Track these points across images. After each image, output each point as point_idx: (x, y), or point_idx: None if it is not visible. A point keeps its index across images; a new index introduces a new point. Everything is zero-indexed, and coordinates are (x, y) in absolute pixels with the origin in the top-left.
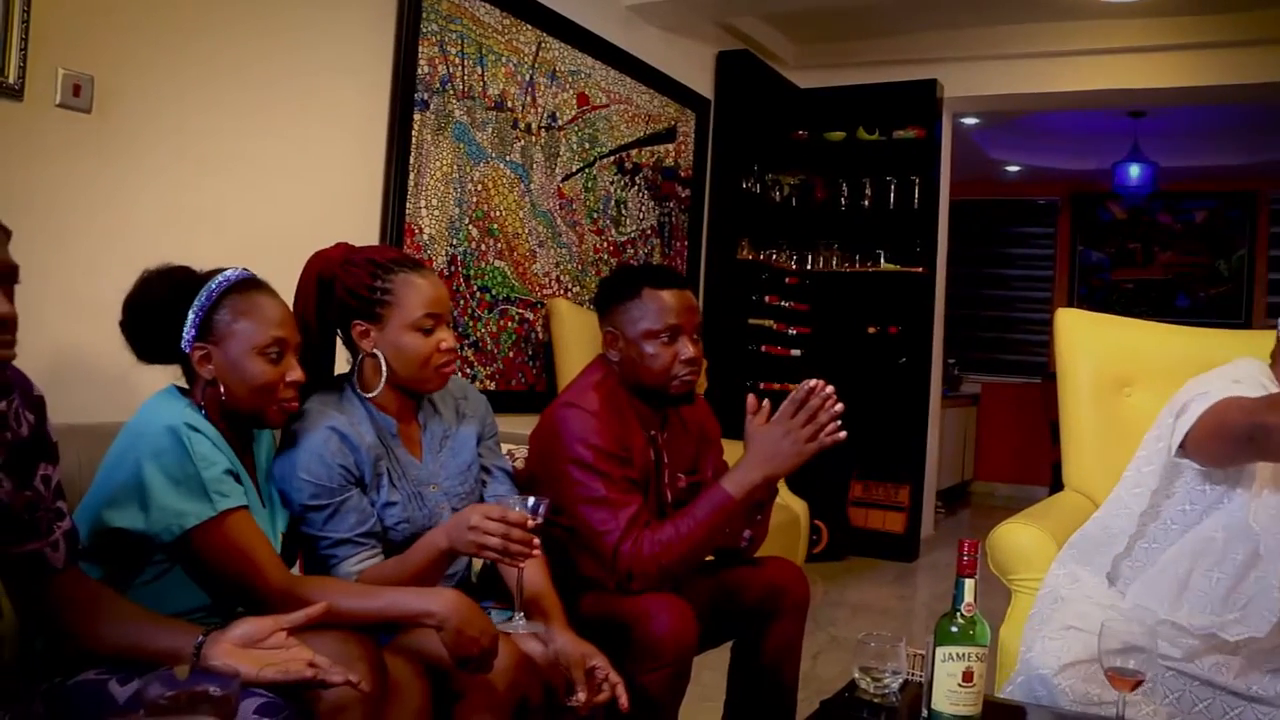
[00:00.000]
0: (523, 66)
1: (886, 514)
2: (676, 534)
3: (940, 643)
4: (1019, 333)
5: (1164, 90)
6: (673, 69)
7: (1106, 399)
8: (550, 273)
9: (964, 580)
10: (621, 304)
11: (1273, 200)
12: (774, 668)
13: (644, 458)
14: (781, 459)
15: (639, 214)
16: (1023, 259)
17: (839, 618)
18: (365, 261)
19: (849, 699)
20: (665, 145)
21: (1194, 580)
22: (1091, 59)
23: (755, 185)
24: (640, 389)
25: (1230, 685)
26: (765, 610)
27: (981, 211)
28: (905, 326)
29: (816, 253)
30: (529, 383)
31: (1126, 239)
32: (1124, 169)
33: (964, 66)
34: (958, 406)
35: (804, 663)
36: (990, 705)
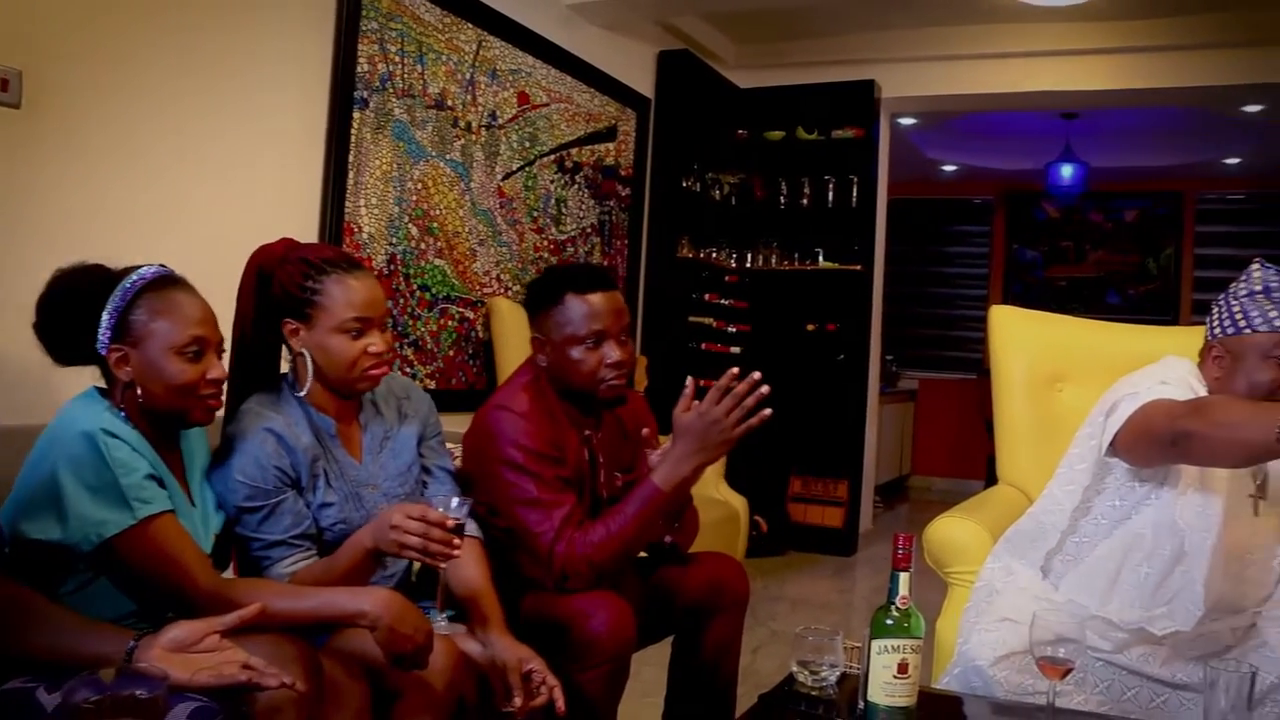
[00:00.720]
0: (463, 65)
1: (825, 509)
2: (608, 532)
3: (875, 635)
4: (956, 329)
5: (1095, 93)
6: (613, 68)
7: (1039, 394)
8: (490, 271)
9: (899, 574)
10: (546, 310)
11: (1199, 200)
12: (714, 663)
13: (578, 457)
14: (710, 447)
15: (579, 212)
16: (959, 257)
17: (779, 612)
18: (300, 260)
19: (787, 693)
20: (606, 144)
21: (1124, 575)
22: (1025, 61)
23: (695, 184)
24: (570, 391)
25: (1156, 674)
26: (705, 606)
27: (919, 210)
28: (843, 324)
29: (756, 251)
30: (469, 381)
31: (1059, 237)
32: (1057, 169)
33: (901, 68)
34: (896, 402)
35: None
36: (925, 696)
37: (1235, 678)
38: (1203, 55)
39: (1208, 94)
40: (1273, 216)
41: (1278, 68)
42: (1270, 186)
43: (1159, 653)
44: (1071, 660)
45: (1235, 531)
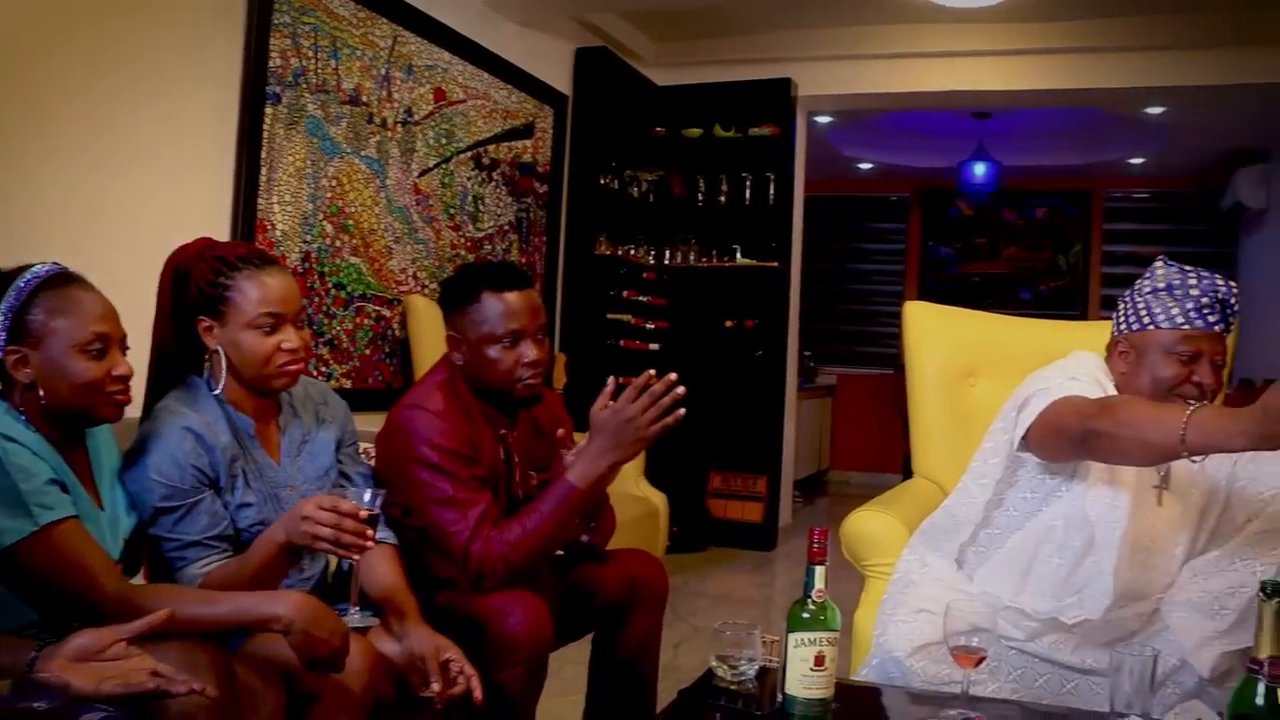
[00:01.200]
0: (378, 61)
1: (745, 504)
2: (524, 530)
3: (792, 629)
4: (873, 325)
5: (1006, 93)
6: (531, 65)
7: (953, 388)
8: (407, 269)
9: (814, 567)
10: (462, 308)
11: (1106, 198)
12: (634, 660)
13: (493, 456)
14: (625, 445)
15: (497, 210)
16: (876, 254)
17: (699, 608)
18: (211, 257)
19: (707, 688)
20: (523, 141)
21: (1036, 566)
22: (939, 61)
23: (613, 181)
24: (486, 389)
25: (1067, 660)
26: (624, 603)
27: (836, 207)
28: (761, 320)
29: (674, 248)
30: (386, 380)
31: (973, 234)
32: (970, 167)
33: (818, 66)
34: (814, 398)
35: (665, 653)
36: (843, 688)
37: (1138, 661)
38: (1107, 58)
39: (1112, 96)
40: (1175, 215)
41: (1177, 71)
42: (1172, 186)
43: (1069, 640)
44: (984, 649)
45: (1141, 522)
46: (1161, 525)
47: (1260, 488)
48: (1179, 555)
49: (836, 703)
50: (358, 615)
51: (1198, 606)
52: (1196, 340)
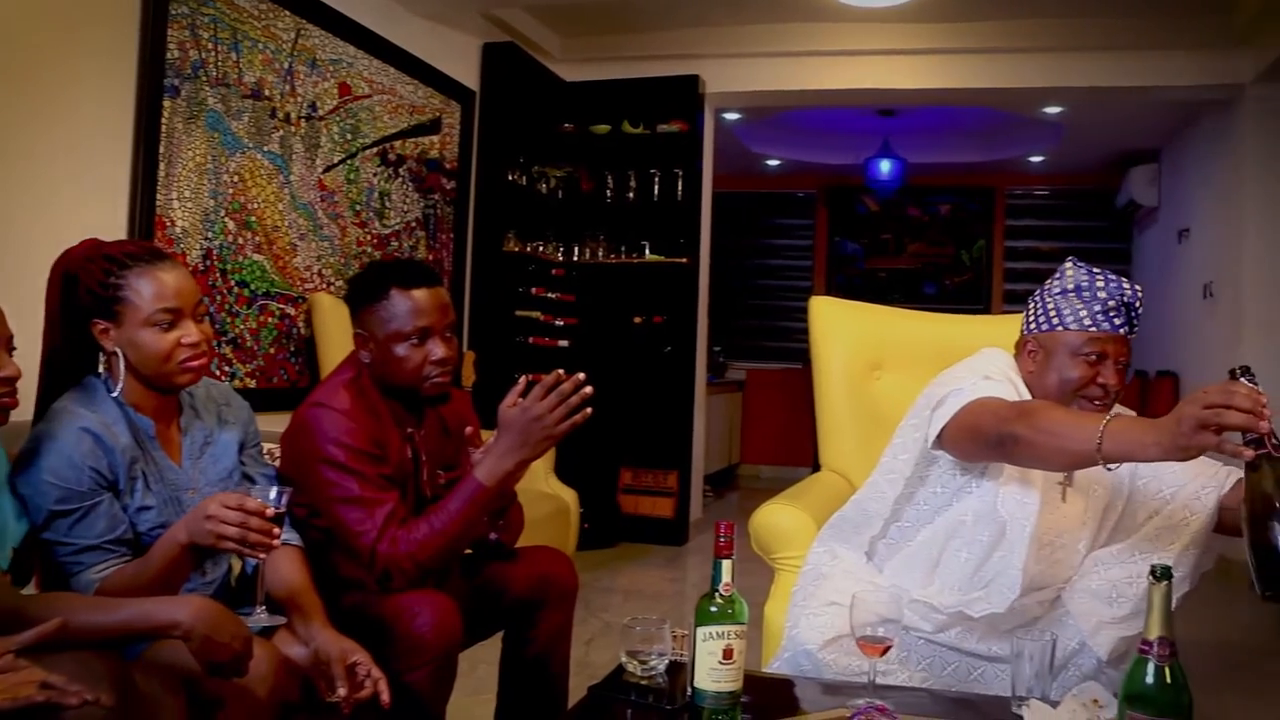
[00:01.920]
0: (281, 54)
1: (656, 500)
2: (432, 529)
3: (700, 622)
4: (781, 320)
5: (910, 91)
6: (437, 60)
7: (858, 382)
8: (312, 266)
9: (721, 561)
10: (370, 305)
11: (1008, 195)
12: (544, 657)
13: (400, 455)
14: (533, 443)
15: (403, 206)
16: (784, 249)
17: (611, 604)
18: (101, 257)
19: (617, 683)
20: (430, 137)
21: (944, 560)
22: (845, 59)
23: (521, 177)
24: (393, 388)
25: (973, 649)
26: (533, 600)
27: (744, 203)
28: (670, 316)
29: (583, 244)
30: (291, 380)
31: (879, 230)
32: (875, 164)
33: (725, 63)
34: (724, 393)
35: (577, 650)
36: (752, 679)
37: (1038, 647)
38: (1008, 59)
39: (1012, 95)
40: (1073, 212)
41: (1074, 73)
42: (1070, 183)
43: (975, 629)
44: (890, 638)
45: (1046, 518)
46: (1066, 522)
47: (1160, 486)
48: (1082, 550)
49: (747, 695)
50: (264, 615)
51: (1097, 594)
52: (1102, 342)
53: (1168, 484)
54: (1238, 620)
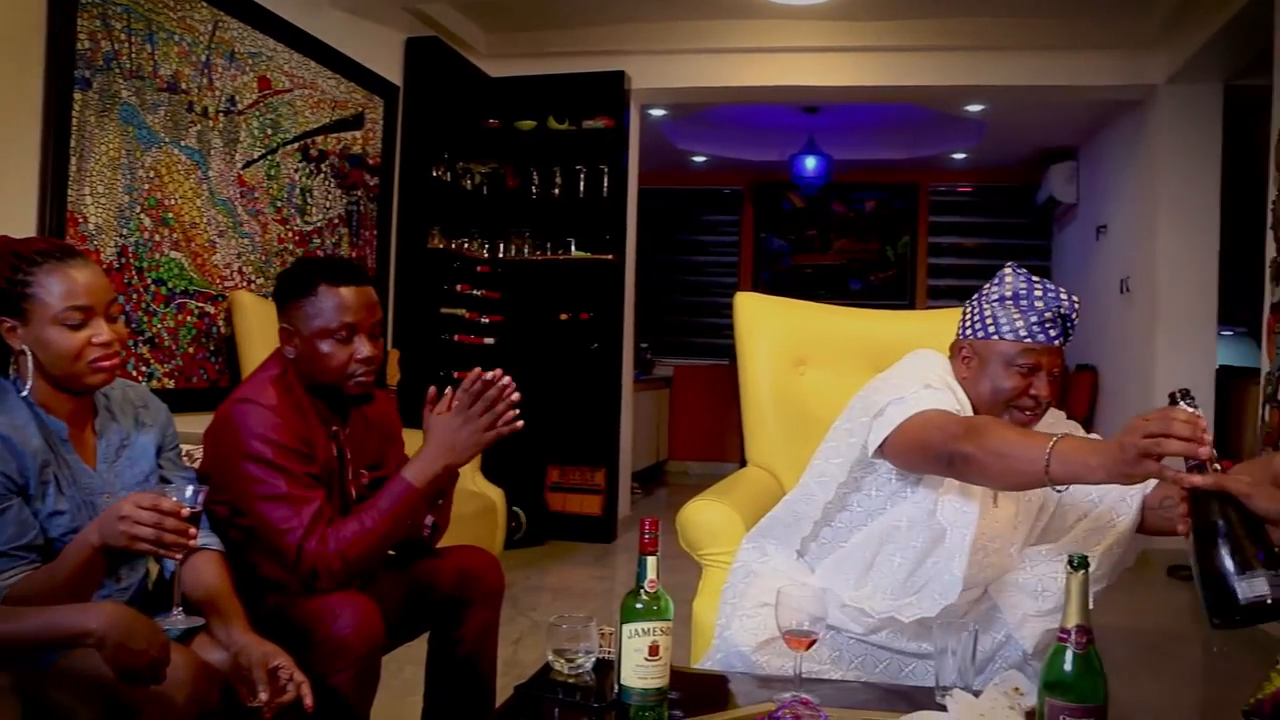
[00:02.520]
0: (198, 46)
1: (584, 497)
2: (361, 528)
3: (626, 620)
4: (708, 316)
5: (835, 88)
6: (360, 54)
7: (783, 377)
8: (232, 264)
9: (646, 558)
10: (297, 301)
11: (931, 192)
12: (471, 656)
13: (326, 454)
14: (460, 449)
15: (325, 203)
16: (710, 246)
17: (540, 602)
18: (8, 254)
19: (544, 682)
20: (353, 132)
21: (878, 564)
22: (770, 56)
23: (446, 173)
24: (317, 386)
25: (904, 647)
26: (459, 599)
27: (670, 200)
28: (597, 313)
29: (508, 241)
30: (211, 379)
31: (805, 227)
32: (801, 161)
33: (651, 59)
34: (651, 389)
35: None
36: (678, 675)
37: (960, 639)
38: (930, 57)
39: (935, 93)
40: (995, 208)
41: (994, 71)
42: (992, 180)
43: (906, 630)
44: (815, 632)
45: (980, 523)
46: (998, 526)
47: (1089, 490)
48: (1014, 553)
49: (674, 691)
50: (180, 617)
51: (1023, 587)
52: (1037, 354)
53: (1097, 489)
54: (1153, 608)
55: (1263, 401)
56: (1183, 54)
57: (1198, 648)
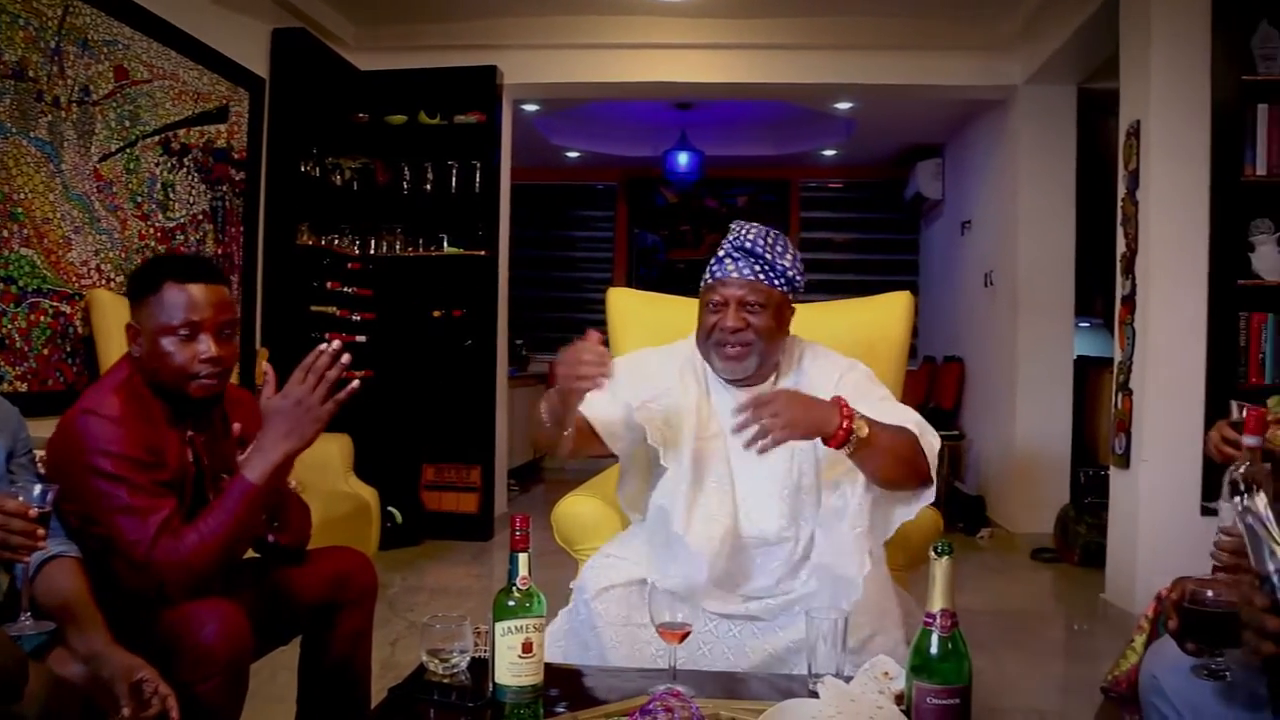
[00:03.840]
0: (46, 32)
1: (460, 495)
2: (202, 535)
3: (498, 617)
4: (583, 312)
5: (706, 85)
6: (223, 44)
7: None
8: (89, 261)
9: (517, 555)
10: (144, 298)
11: (802, 187)
12: (344, 660)
13: (180, 460)
14: (300, 429)
15: (189, 198)
16: (584, 241)
17: (417, 603)
18: None
19: (418, 683)
20: (217, 125)
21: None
22: (643, 52)
23: (315, 169)
24: (162, 387)
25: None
26: (330, 602)
27: (544, 195)
28: (470, 309)
29: (379, 237)
30: (68, 382)
31: (678, 222)
32: (673, 156)
33: (524, 54)
34: (527, 386)
35: (381, 652)
36: (553, 672)
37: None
38: (801, 55)
39: (805, 90)
40: (865, 204)
41: (862, 70)
42: (862, 176)
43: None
44: (689, 624)
45: (746, 477)
46: (761, 482)
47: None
48: (782, 506)
49: (553, 688)
50: (29, 623)
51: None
52: (720, 289)
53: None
54: (1017, 590)
55: (1115, 389)
56: (1039, 57)
57: (1059, 627)
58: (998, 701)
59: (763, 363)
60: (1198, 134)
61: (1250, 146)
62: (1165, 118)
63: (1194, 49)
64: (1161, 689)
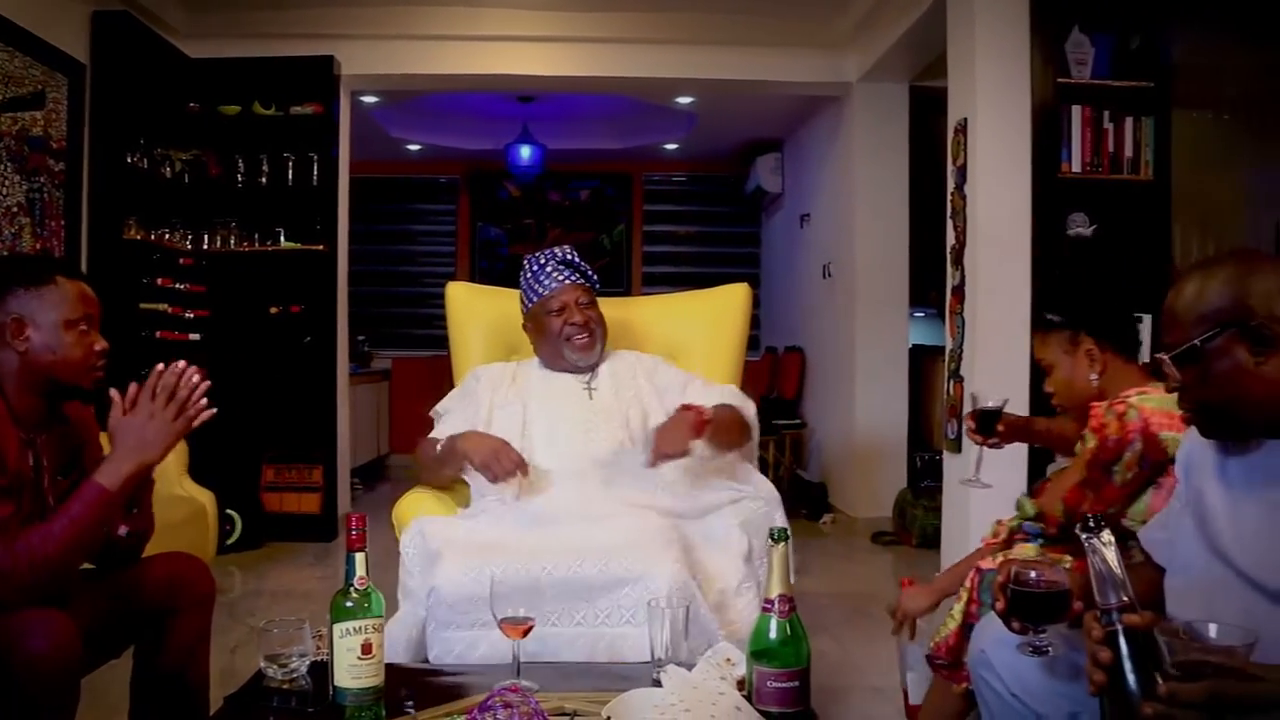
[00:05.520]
0: None
1: (302, 496)
2: (48, 536)
3: (336, 619)
4: (426, 307)
5: (548, 78)
6: (37, 26)
7: None
8: None
9: (354, 555)
10: (35, 289)
11: (645, 181)
12: (179, 668)
13: (19, 464)
14: (152, 445)
15: (2, 190)
16: (426, 235)
17: (259, 607)
18: None
19: (256, 690)
20: (32, 113)
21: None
22: (485, 45)
23: (143, 160)
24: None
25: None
26: (164, 609)
27: (385, 189)
28: (309, 305)
29: (213, 232)
30: None
31: (522, 216)
32: (516, 150)
33: (362, 44)
34: (369, 383)
35: (220, 659)
36: (396, 671)
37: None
38: (642, 49)
39: (646, 84)
40: (707, 197)
41: (702, 65)
42: (704, 170)
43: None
44: (531, 618)
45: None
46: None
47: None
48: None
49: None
50: None
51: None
52: (558, 296)
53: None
54: (857, 572)
55: (947, 376)
56: (872, 55)
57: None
58: (839, 681)
59: (602, 350)
60: (1019, 132)
61: (1066, 145)
62: (990, 116)
63: (1015, 51)
64: (990, 663)
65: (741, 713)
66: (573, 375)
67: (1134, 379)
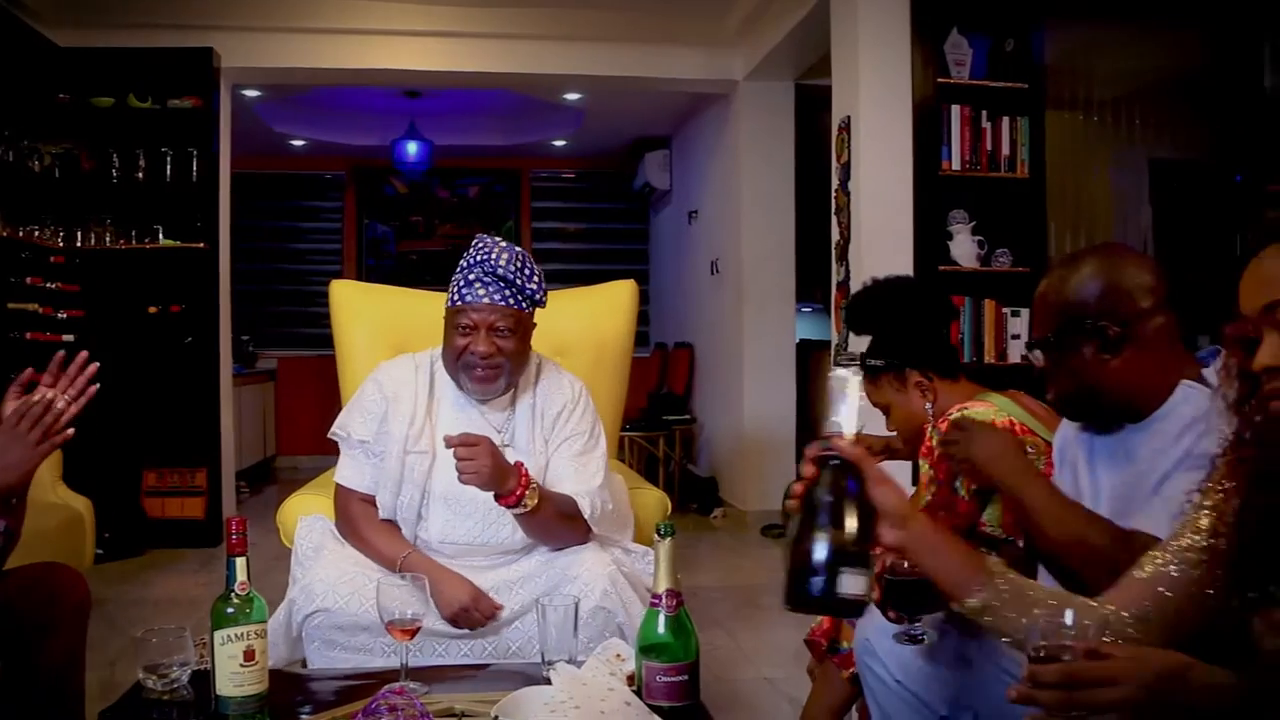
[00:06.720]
0: None
1: (185, 500)
2: None
3: (217, 626)
4: (313, 306)
5: (434, 73)
6: None
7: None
8: None
9: (235, 559)
10: None
11: (533, 177)
12: (53, 685)
13: None
14: (13, 467)
15: None
16: (312, 233)
17: (141, 617)
18: None
19: (135, 702)
20: None
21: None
22: (370, 38)
23: (8, 152)
24: None
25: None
26: (35, 623)
27: (268, 185)
28: (190, 305)
29: (86, 229)
30: None
31: (409, 212)
32: (403, 146)
33: (244, 37)
34: (255, 383)
35: (99, 672)
36: (280, 677)
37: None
38: (530, 45)
39: (533, 80)
40: (596, 194)
41: (589, 62)
42: (592, 166)
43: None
44: (420, 619)
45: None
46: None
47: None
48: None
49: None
50: None
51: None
52: (470, 313)
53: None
54: (748, 565)
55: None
56: (758, 53)
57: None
58: (730, 673)
59: (510, 384)
60: (901, 130)
61: (946, 143)
62: (872, 114)
63: (897, 52)
64: (874, 650)
65: (631, 708)
66: (490, 410)
67: (960, 395)
